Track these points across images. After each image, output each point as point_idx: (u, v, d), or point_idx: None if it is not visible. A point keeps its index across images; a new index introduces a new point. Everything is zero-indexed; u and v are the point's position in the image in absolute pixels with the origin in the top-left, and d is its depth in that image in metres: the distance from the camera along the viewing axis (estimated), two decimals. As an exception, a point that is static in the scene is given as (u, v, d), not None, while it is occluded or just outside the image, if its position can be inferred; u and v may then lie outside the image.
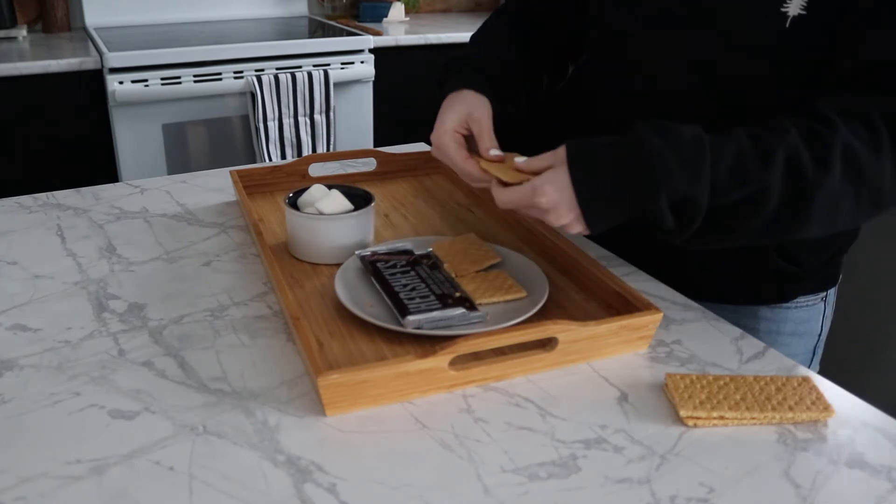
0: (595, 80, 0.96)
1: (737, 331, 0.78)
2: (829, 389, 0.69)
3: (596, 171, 0.68)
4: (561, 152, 0.70)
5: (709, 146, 0.67)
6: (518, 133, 0.92)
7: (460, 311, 0.75)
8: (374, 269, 0.83)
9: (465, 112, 0.83)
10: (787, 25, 0.74)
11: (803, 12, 0.73)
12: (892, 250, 1.72)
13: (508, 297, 0.80)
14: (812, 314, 0.95)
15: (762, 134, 0.69)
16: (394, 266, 0.83)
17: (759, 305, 0.93)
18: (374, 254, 0.86)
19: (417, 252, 0.87)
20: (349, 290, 0.80)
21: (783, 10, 0.74)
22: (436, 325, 0.74)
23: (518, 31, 0.99)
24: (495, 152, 0.79)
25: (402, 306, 0.75)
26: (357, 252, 0.86)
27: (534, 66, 0.97)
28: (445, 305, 0.75)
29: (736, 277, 0.91)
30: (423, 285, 0.79)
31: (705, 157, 0.66)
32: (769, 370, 0.72)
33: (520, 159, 0.76)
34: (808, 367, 0.90)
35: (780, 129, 0.69)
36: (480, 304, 0.78)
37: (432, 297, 0.77)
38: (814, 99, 0.72)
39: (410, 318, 0.73)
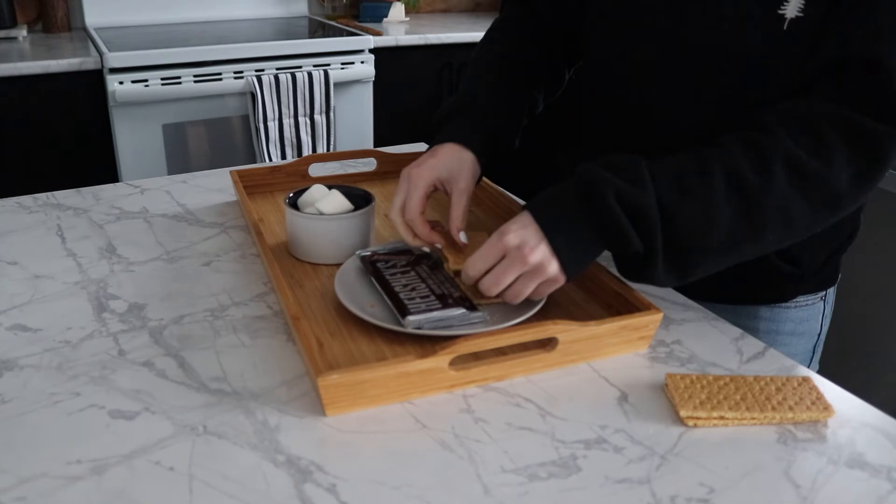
0: (593, 85, 0.96)
1: (737, 331, 0.78)
2: (829, 389, 0.69)
3: (549, 202, 0.73)
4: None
5: (644, 161, 0.71)
6: (512, 150, 0.93)
7: (460, 311, 0.75)
8: (374, 269, 0.83)
9: (446, 173, 0.84)
10: (785, 28, 0.74)
11: (801, 14, 0.73)
12: (892, 250, 1.72)
13: (508, 297, 0.80)
14: (811, 314, 0.95)
15: (700, 150, 0.72)
16: (394, 266, 0.83)
17: (758, 305, 0.93)
18: (374, 254, 0.86)
19: (417, 252, 0.87)
20: (349, 290, 0.80)
21: (781, 12, 0.74)
22: (436, 325, 0.74)
23: (520, 57, 0.96)
24: (463, 237, 0.82)
25: (403, 306, 0.75)
26: (357, 252, 0.86)
27: (533, 92, 0.96)
28: (446, 305, 0.75)
29: (735, 277, 0.91)
30: (423, 285, 0.79)
31: (641, 166, 0.70)
32: (769, 370, 0.72)
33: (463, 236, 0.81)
34: (808, 366, 0.90)
35: (719, 143, 0.72)
36: (480, 304, 0.78)
37: (432, 297, 0.77)
38: (759, 111, 0.74)
39: (410, 318, 0.73)
